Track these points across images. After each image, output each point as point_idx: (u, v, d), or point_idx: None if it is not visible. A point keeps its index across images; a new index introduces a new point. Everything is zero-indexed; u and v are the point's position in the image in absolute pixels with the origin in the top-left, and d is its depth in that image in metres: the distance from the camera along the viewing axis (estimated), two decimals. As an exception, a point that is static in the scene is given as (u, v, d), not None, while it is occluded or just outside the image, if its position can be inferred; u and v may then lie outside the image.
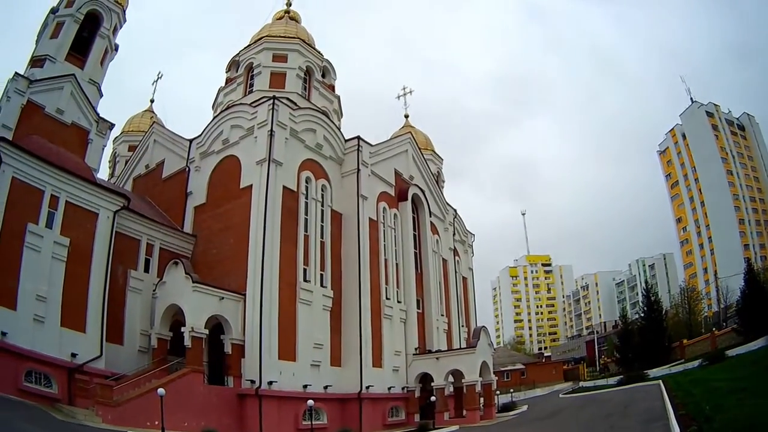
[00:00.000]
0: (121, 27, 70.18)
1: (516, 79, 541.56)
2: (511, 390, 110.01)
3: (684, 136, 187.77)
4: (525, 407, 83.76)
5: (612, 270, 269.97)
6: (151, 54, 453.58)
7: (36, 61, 61.77)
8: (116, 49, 69.86)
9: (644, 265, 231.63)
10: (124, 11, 69.91)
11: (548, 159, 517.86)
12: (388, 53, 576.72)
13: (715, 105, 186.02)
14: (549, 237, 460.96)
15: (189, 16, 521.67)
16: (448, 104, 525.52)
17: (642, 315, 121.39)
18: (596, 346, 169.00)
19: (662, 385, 68.07)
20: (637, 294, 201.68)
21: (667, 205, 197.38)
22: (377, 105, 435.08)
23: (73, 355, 48.36)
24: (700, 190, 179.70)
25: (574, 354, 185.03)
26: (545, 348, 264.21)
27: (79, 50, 64.25)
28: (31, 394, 44.21)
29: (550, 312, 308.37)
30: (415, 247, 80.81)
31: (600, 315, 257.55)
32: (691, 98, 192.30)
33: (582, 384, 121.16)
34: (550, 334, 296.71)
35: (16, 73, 57.60)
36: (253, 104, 69.58)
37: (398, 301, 74.54)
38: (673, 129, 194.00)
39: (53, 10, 64.65)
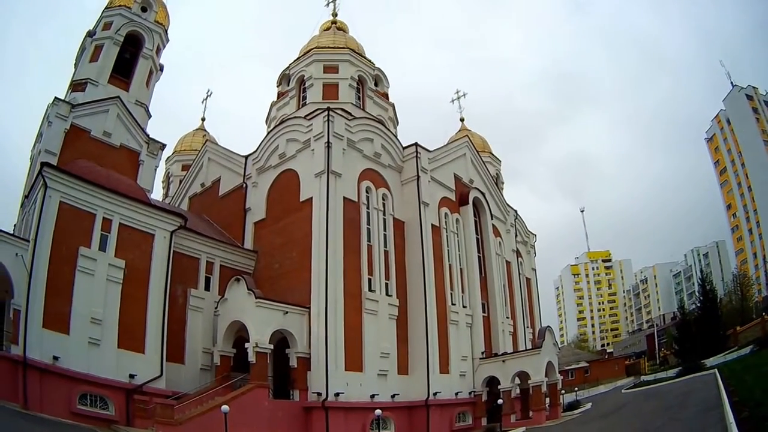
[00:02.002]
0: (164, 47, 69.40)
1: (563, 74, 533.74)
2: (576, 388, 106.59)
3: (729, 121, 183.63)
4: (589, 405, 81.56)
5: (669, 261, 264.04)
6: (195, 71, 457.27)
7: (77, 85, 60.75)
8: (161, 70, 68.92)
9: (699, 255, 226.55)
10: (166, 31, 69.06)
11: (602, 153, 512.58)
12: (434, 57, 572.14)
13: (753, 87, 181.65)
14: (607, 232, 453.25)
15: (229, 32, 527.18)
16: (499, 104, 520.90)
17: (698, 305, 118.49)
18: (656, 339, 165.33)
19: (717, 373, 67.21)
20: (694, 284, 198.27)
21: (717, 193, 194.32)
22: (430, 110, 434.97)
23: (131, 376, 47.58)
24: (746, 174, 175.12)
25: (635, 348, 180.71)
26: (607, 344, 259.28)
27: (123, 72, 63.41)
28: (85, 416, 43.50)
29: (611, 308, 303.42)
30: (479, 251, 78.35)
31: (659, 308, 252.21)
32: (732, 82, 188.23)
33: (643, 378, 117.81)
34: (612, 330, 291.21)
35: (56, 98, 56.61)
36: (308, 117, 67.95)
37: (463, 306, 71.95)
38: (718, 115, 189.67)
39: (90, 34, 63.58)
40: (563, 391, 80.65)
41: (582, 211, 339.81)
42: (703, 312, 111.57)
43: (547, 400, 68.48)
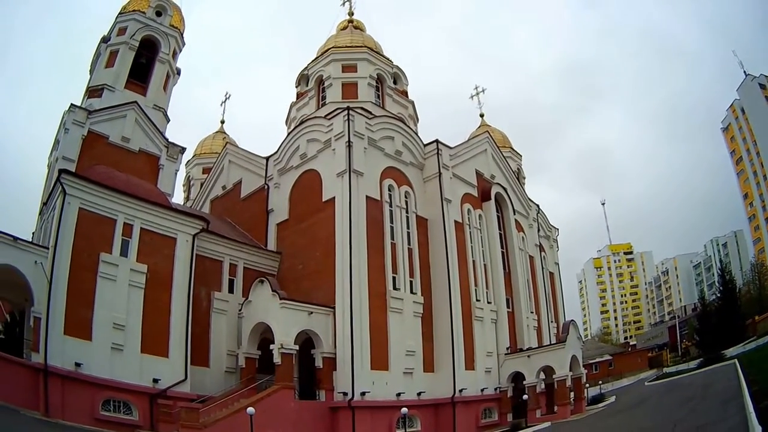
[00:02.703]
0: (180, 51, 68.73)
1: (579, 68, 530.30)
2: (600, 382, 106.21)
3: (743, 111, 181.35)
4: (613, 398, 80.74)
5: (689, 252, 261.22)
6: (210, 74, 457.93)
7: (93, 92, 60.21)
8: (178, 73, 68.38)
9: (718, 245, 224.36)
10: (182, 35, 68.23)
11: (620, 145, 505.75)
12: (450, 53, 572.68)
13: (766, 76, 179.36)
14: (628, 224, 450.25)
15: (243, 35, 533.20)
16: (516, 99, 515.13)
17: (718, 295, 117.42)
18: (678, 331, 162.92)
19: (737, 363, 67.83)
20: (713, 275, 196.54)
21: (734, 182, 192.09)
22: (447, 107, 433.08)
23: (155, 381, 47.10)
24: (761, 163, 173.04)
25: (658, 341, 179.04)
26: (630, 337, 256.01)
27: (139, 77, 62.87)
28: (108, 422, 42.99)
29: (633, 300, 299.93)
30: (502, 246, 76.77)
31: (680, 299, 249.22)
32: (744, 71, 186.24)
33: (665, 370, 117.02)
34: (634, 322, 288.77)
35: (72, 104, 55.82)
36: (328, 116, 66.93)
37: (488, 302, 70.61)
38: (732, 104, 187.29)
39: (105, 39, 63.00)
40: (587, 385, 79.92)
41: (603, 204, 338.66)
42: (722, 302, 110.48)
43: (572, 394, 67.38)
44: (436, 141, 70.27)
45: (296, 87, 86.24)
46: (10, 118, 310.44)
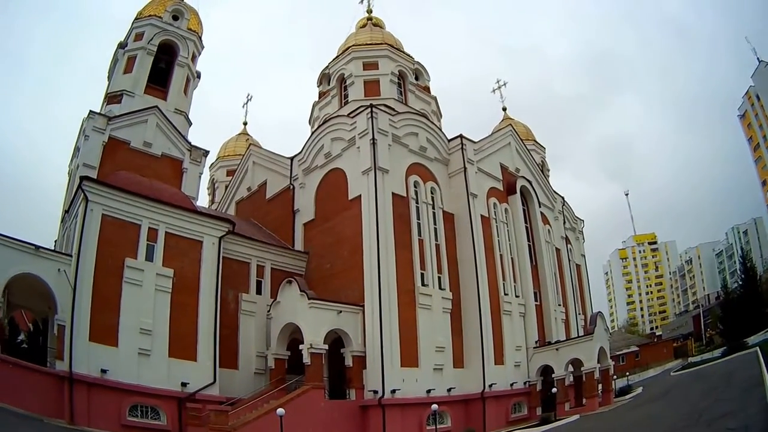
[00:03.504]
0: (199, 54, 67.94)
1: (598, 58, 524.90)
2: (627, 373, 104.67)
3: (758, 97, 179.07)
4: (640, 389, 79.69)
5: (712, 241, 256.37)
6: (230, 75, 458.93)
7: (112, 98, 59.52)
8: (198, 77, 67.54)
9: (738, 232, 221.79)
10: (200, 38, 67.32)
11: (641, 135, 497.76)
12: (469, 47, 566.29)
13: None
14: (652, 213, 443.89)
15: (260, 34, 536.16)
16: (537, 91, 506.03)
17: (740, 283, 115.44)
18: (702, 320, 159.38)
19: (759, 351, 67.26)
20: (735, 263, 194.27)
21: (753, 169, 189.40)
22: (468, 100, 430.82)
23: (184, 385, 46.23)
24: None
25: (683, 330, 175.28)
26: (656, 327, 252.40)
27: (159, 82, 62.18)
28: (136, 428, 42.63)
29: (659, 290, 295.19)
30: (528, 240, 75.18)
31: (704, 288, 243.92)
32: (758, 58, 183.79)
33: (690, 360, 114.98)
34: (659, 312, 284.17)
35: (91, 111, 55.16)
36: (351, 114, 65.86)
37: (516, 296, 69.02)
38: (748, 91, 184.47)
39: (122, 45, 62.34)
40: (615, 377, 78.13)
41: (626, 194, 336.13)
42: (744, 290, 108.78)
43: (600, 386, 66.19)
44: (460, 136, 68.88)
45: (318, 86, 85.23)
46: (28, 126, 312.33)
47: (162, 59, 63.08)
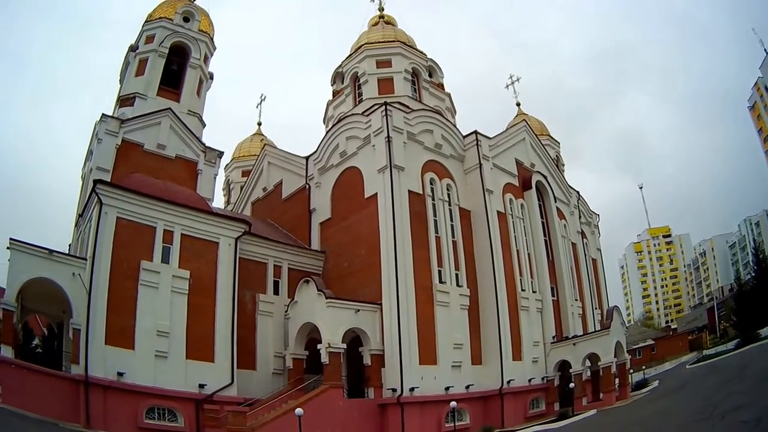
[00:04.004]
0: (211, 55, 67.81)
1: (607, 51, 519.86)
2: (643, 367, 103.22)
3: (767, 89, 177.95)
4: (656, 383, 78.43)
5: (725, 233, 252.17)
6: (241, 75, 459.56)
7: (124, 101, 59.31)
8: (211, 78, 67.15)
9: (751, 224, 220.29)
10: (212, 39, 66.99)
11: (652, 128, 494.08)
12: (479, 44, 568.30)
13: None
14: (665, 206, 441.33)
15: (270, 34, 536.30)
16: (549, 87, 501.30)
17: (753, 275, 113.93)
18: (716, 312, 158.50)
19: None
20: (748, 254, 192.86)
21: (763, 160, 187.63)
22: (480, 96, 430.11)
23: (201, 386, 45.80)
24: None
25: (697, 323, 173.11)
26: (671, 320, 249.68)
27: (171, 84, 62.02)
28: (153, 430, 42.32)
29: (674, 283, 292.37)
30: (544, 235, 74.14)
31: (717, 280, 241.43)
32: (765, 49, 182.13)
33: (705, 352, 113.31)
34: (675, 306, 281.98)
35: (103, 114, 54.91)
36: (366, 113, 65.17)
37: (533, 291, 68.14)
38: (757, 83, 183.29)
39: (132, 48, 62.20)
40: (632, 371, 77.15)
41: (641, 188, 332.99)
42: (756, 282, 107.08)
43: (617, 380, 65.53)
44: (475, 132, 68.05)
45: (332, 85, 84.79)
46: (34, 130, 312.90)
47: (174, 61, 62.86)
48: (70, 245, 56.12)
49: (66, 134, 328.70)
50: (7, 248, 41.17)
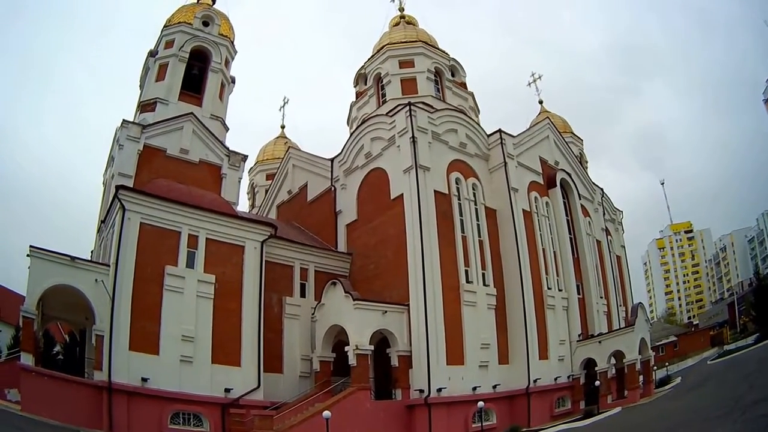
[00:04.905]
0: (233, 59, 66.85)
1: (625, 46, 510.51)
2: (666, 363, 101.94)
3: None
4: (679, 379, 77.08)
5: (744, 227, 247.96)
6: (262, 78, 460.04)
7: (145, 106, 58.45)
8: (233, 82, 66.21)
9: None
10: (232, 43, 66.15)
11: (672, 123, 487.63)
12: (499, 41, 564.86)
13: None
14: (687, 201, 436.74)
15: (289, 36, 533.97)
16: (569, 83, 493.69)
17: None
18: (736, 307, 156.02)
19: None
20: (766, 248, 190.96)
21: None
22: (494, 93, 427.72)
23: (227, 390, 45.07)
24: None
25: (718, 318, 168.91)
26: (693, 316, 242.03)
27: (193, 88, 61.17)
28: None
29: (695, 279, 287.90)
30: (569, 233, 72.60)
31: (737, 275, 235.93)
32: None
33: (726, 347, 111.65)
34: (696, 301, 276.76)
35: (124, 120, 53.91)
36: (390, 113, 63.89)
37: (559, 290, 66.59)
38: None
39: (152, 53, 61.39)
40: (655, 367, 76.17)
41: (662, 183, 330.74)
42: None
43: (641, 377, 63.74)
44: (499, 131, 66.66)
45: (354, 86, 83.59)
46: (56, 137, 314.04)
47: (195, 66, 61.89)
48: (92, 251, 55.43)
49: (87, 141, 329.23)
50: (27, 256, 40.37)
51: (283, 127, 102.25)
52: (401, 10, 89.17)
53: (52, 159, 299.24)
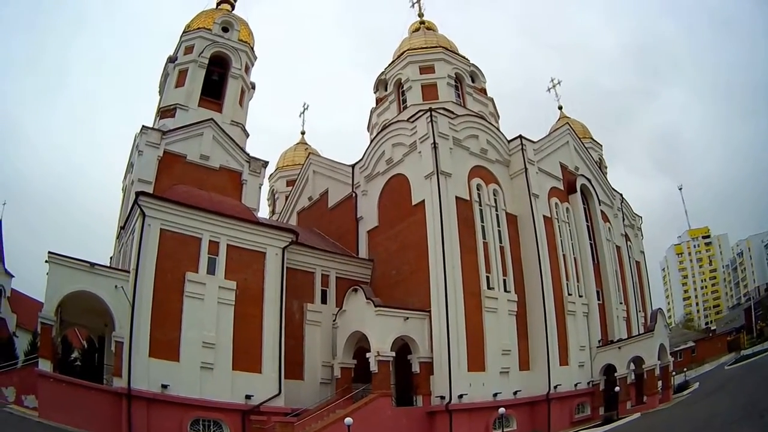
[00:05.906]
0: (252, 65, 66.75)
1: (642, 49, 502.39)
2: (684, 369, 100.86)
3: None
4: (697, 384, 75.79)
5: (761, 232, 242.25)
6: (284, 85, 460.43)
7: (165, 112, 58.30)
8: (253, 87, 65.89)
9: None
10: (252, 48, 65.88)
11: (689, 127, 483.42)
12: (515, 46, 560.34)
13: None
14: (705, 206, 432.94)
15: (307, 42, 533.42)
16: (586, 87, 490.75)
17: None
18: (753, 312, 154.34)
19: None
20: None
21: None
22: (510, 97, 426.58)
23: (248, 397, 44.27)
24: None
25: (735, 324, 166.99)
26: (711, 322, 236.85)
27: (213, 94, 61.05)
28: None
29: (713, 284, 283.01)
30: (590, 239, 71.59)
31: (754, 280, 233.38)
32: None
33: (743, 353, 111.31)
34: (714, 307, 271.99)
35: (143, 126, 53.78)
36: (411, 119, 63.21)
37: (579, 296, 65.60)
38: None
39: (171, 59, 61.20)
40: (674, 373, 74.63)
41: (680, 189, 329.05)
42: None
43: (660, 383, 62.30)
44: (520, 137, 65.78)
45: (375, 93, 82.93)
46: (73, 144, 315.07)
47: (214, 71, 61.65)
48: (111, 258, 54.98)
49: (106, 147, 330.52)
50: (45, 262, 39.67)
51: (303, 133, 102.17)
52: (421, 15, 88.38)
53: (67, 165, 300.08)
